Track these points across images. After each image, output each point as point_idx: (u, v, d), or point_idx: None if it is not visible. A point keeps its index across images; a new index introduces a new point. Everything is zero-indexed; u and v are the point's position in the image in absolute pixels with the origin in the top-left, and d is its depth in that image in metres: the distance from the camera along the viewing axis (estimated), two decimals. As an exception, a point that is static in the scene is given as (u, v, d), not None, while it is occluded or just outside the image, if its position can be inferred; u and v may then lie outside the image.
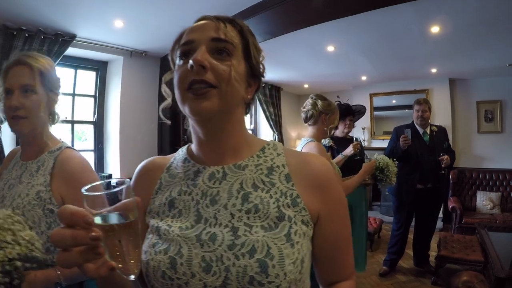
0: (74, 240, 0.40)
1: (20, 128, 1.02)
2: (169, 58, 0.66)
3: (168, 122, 0.76)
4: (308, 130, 2.10)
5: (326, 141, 2.62)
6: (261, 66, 0.68)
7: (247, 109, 0.69)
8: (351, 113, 2.87)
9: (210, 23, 0.61)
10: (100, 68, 3.81)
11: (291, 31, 3.05)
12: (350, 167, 2.42)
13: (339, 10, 2.68)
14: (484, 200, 4.63)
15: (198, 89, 0.56)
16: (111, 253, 0.43)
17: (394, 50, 3.95)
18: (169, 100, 0.68)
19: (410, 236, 3.39)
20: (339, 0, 2.56)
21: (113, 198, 0.42)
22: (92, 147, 3.85)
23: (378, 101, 5.80)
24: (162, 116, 0.71)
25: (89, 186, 0.42)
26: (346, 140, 2.76)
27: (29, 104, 1.00)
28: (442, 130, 3.34)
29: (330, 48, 3.79)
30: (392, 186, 3.36)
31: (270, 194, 0.59)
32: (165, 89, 0.68)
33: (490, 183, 4.82)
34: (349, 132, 2.91)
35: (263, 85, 5.35)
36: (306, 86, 5.90)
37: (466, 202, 4.77)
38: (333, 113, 2.05)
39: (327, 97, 2.11)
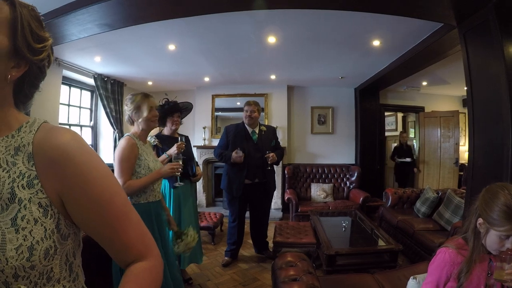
0: None
1: None
2: None
3: None
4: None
5: (152, 140, 2.58)
6: (36, 47, 0.60)
7: (22, 88, 0.63)
8: (178, 110, 2.90)
9: None
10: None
11: (130, 25, 2.86)
12: None
13: (177, 10, 2.62)
14: (318, 191, 5.33)
15: None
16: None
17: (234, 55, 4.12)
18: None
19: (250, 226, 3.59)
20: (179, 0, 2.49)
21: None
22: None
23: (223, 102, 6.07)
24: None
25: None
26: (172, 139, 2.77)
27: None
28: (271, 129, 3.62)
29: (171, 47, 3.73)
30: (224, 182, 3.51)
31: (9, 174, 0.56)
32: None
33: (323, 176, 5.62)
34: (176, 129, 2.92)
35: (106, 79, 4.97)
36: (150, 83, 5.72)
37: (302, 194, 5.41)
38: (139, 106, 1.99)
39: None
